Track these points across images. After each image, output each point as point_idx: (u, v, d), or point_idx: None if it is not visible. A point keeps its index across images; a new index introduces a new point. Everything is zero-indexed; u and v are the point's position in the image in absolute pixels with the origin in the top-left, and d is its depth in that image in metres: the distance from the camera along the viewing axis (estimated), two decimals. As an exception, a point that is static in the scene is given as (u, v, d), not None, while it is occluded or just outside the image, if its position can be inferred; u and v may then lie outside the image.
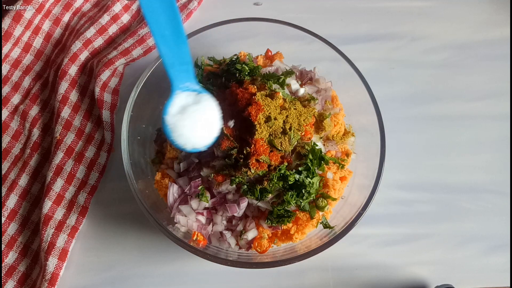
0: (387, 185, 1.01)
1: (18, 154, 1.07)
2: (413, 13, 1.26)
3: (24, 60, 1.15)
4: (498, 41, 1.24)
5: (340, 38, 1.11)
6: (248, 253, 0.90)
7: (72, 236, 0.98)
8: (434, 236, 1.04)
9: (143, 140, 1.01)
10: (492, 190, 1.08)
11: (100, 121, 1.09)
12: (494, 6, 1.28)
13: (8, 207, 1.01)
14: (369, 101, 0.96)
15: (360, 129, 1.03)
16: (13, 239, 0.99)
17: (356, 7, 1.26)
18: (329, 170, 0.90)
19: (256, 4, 1.25)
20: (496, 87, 1.18)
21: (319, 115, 0.94)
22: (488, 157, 1.11)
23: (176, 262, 0.99)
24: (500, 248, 1.03)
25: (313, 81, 1.01)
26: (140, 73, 0.98)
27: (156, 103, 1.05)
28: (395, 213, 1.05)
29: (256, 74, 0.96)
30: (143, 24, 1.16)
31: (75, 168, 1.04)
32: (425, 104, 1.16)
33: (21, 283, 0.96)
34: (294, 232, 0.88)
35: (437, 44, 1.23)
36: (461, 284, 0.99)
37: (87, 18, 1.20)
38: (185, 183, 0.89)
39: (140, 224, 1.01)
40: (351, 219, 0.88)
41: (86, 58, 1.15)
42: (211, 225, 0.89)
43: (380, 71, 1.19)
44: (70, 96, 1.09)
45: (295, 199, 0.83)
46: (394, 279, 1.00)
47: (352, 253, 1.01)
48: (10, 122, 1.09)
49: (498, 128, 1.14)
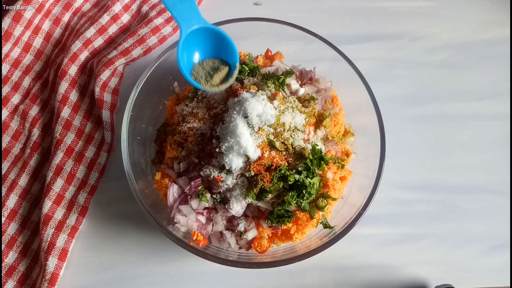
0: (387, 185, 1.01)
1: (18, 154, 1.07)
2: (413, 13, 1.26)
3: (24, 60, 1.15)
4: (498, 41, 1.24)
5: (340, 38, 1.11)
6: (248, 253, 0.90)
7: (72, 236, 0.98)
8: (434, 236, 1.04)
9: (143, 140, 1.01)
10: (492, 190, 1.08)
11: (100, 121, 1.09)
12: (494, 6, 1.28)
13: (8, 207, 1.01)
14: (369, 101, 0.96)
15: (360, 129, 1.03)
16: (13, 239, 0.99)
17: (356, 7, 1.26)
18: (329, 170, 0.90)
19: (256, 4, 1.26)
20: (496, 87, 1.18)
21: (319, 115, 0.95)
22: (488, 157, 1.11)
23: (176, 262, 0.99)
24: (500, 248, 1.03)
25: (313, 81, 1.02)
26: (140, 73, 0.98)
27: (156, 103, 1.05)
28: (395, 213, 1.05)
29: (256, 74, 0.97)
30: (143, 24, 1.16)
31: (75, 168, 1.04)
32: (425, 104, 1.16)
33: (21, 283, 0.96)
34: (294, 232, 0.88)
35: (437, 44, 1.23)
36: (461, 284, 0.99)
37: (87, 18, 1.20)
38: (185, 183, 0.89)
39: (140, 224, 1.01)
40: (351, 219, 0.88)
41: (86, 58, 1.15)
42: (211, 225, 0.89)
43: (380, 71, 1.19)
44: (70, 96, 1.09)
45: (296, 199, 0.83)
46: (394, 279, 1.00)
47: (352, 253, 1.01)
48: (10, 122, 1.09)
49: (498, 128, 1.14)
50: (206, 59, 0.85)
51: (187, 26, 0.80)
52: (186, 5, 0.78)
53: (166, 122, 1.03)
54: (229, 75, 0.83)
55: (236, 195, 0.85)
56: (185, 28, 0.80)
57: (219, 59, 0.85)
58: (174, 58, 1.01)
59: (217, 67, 0.84)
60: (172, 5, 0.77)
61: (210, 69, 0.83)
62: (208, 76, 0.83)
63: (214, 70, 0.83)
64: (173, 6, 0.77)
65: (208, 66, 0.84)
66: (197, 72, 0.83)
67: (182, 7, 0.77)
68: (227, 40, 0.82)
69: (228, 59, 0.85)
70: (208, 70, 0.83)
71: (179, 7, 0.77)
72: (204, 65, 0.84)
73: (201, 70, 0.83)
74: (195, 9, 0.79)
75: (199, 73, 0.83)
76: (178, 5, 0.77)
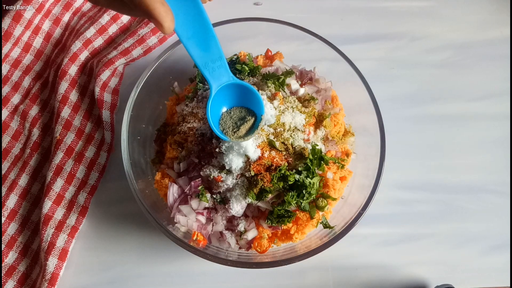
0: (387, 185, 1.01)
1: (18, 154, 1.07)
2: (413, 13, 1.26)
3: (24, 60, 1.15)
4: (498, 41, 1.24)
5: (340, 38, 1.11)
6: (248, 253, 0.90)
7: (72, 236, 0.98)
8: (434, 236, 1.04)
9: (143, 140, 1.01)
10: (492, 190, 1.08)
11: (100, 121, 1.09)
12: (494, 6, 1.28)
13: (8, 207, 1.01)
14: (369, 101, 0.96)
15: (360, 129, 1.03)
16: (13, 239, 0.99)
17: (356, 7, 1.26)
18: (329, 170, 0.90)
19: (256, 4, 1.25)
20: (496, 87, 1.18)
21: (319, 115, 0.95)
22: (488, 157, 1.11)
23: (176, 262, 0.99)
24: (500, 248, 1.03)
25: (313, 81, 1.02)
26: (140, 73, 0.98)
27: (156, 103, 1.05)
28: (395, 213, 1.05)
29: (256, 74, 0.97)
30: (143, 24, 1.16)
31: (75, 168, 1.04)
32: (425, 104, 1.16)
33: (21, 283, 0.96)
34: (294, 232, 0.88)
35: (437, 44, 1.23)
36: (461, 284, 0.99)
37: (87, 18, 1.20)
38: (185, 183, 0.89)
39: (140, 224, 1.01)
40: (351, 219, 0.88)
41: (86, 58, 1.15)
42: (211, 225, 0.89)
43: (380, 71, 1.19)
44: (70, 96, 1.09)
45: (296, 199, 0.83)
46: (394, 279, 1.00)
47: (352, 253, 1.01)
48: (10, 122, 1.09)
49: (498, 128, 1.14)
50: (234, 108, 0.86)
51: (217, 84, 0.81)
52: (217, 64, 0.78)
53: (166, 122, 1.03)
54: (254, 126, 0.85)
55: (236, 195, 0.85)
56: (215, 86, 0.81)
57: (246, 108, 0.86)
58: (174, 58, 1.01)
59: (243, 117, 0.85)
60: (204, 65, 0.77)
61: (237, 119, 0.85)
62: (235, 127, 0.84)
63: (241, 120, 0.85)
64: (205, 66, 0.77)
65: (235, 115, 0.86)
66: (225, 122, 0.85)
67: (214, 66, 0.78)
68: (253, 92, 0.84)
69: (254, 109, 0.86)
70: (236, 120, 0.85)
71: (211, 65, 0.78)
72: (232, 114, 0.86)
73: (228, 120, 0.85)
74: (226, 67, 0.80)
75: (226, 123, 0.85)
76: (210, 63, 0.78)
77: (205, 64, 0.77)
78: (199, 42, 0.74)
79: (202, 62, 0.77)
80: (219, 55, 0.77)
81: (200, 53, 0.76)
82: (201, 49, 0.75)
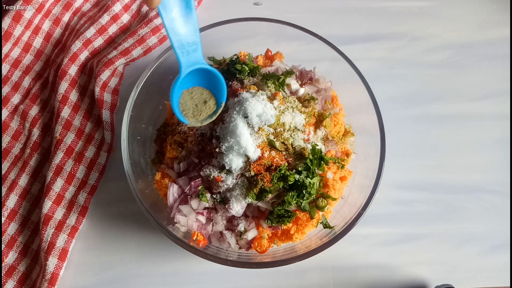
0: (387, 185, 1.01)
1: (18, 154, 1.07)
2: (413, 13, 1.26)
3: (24, 60, 1.15)
4: (498, 41, 1.24)
5: (340, 38, 1.11)
6: (248, 253, 0.90)
7: (72, 236, 0.98)
8: (434, 236, 1.04)
9: (143, 140, 1.01)
10: (492, 190, 1.08)
11: (100, 121, 1.09)
12: (494, 6, 1.28)
13: (8, 207, 1.01)
14: (369, 101, 0.96)
15: (360, 129, 1.03)
16: (13, 239, 0.99)
17: (356, 7, 1.26)
18: (329, 170, 0.90)
19: (256, 4, 1.25)
20: (496, 87, 1.18)
21: (319, 115, 0.95)
22: (488, 157, 1.11)
23: (176, 262, 0.99)
24: (500, 248, 1.03)
25: (313, 81, 1.02)
26: (140, 73, 0.98)
27: (156, 103, 1.05)
28: (395, 213, 1.05)
29: (256, 74, 0.97)
30: (143, 24, 1.16)
31: (75, 168, 1.04)
32: (425, 104, 1.16)
33: (21, 283, 0.96)
34: (294, 232, 0.88)
35: (437, 44, 1.23)
36: (461, 284, 0.99)
37: (87, 18, 1.20)
38: (185, 183, 0.89)
39: (140, 224, 1.01)
40: (351, 219, 0.88)
41: (86, 58, 1.15)
42: (211, 225, 0.89)
43: (380, 71, 1.19)
44: (70, 96, 1.09)
45: (296, 199, 0.83)
46: (394, 279, 1.00)
47: (352, 253, 1.01)
48: (10, 122, 1.09)
49: (498, 128, 1.14)
50: (196, 87, 0.85)
51: (188, 66, 0.80)
52: (193, 47, 0.78)
53: (166, 122, 1.03)
54: (214, 112, 0.84)
55: (236, 195, 0.85)
56: (185, 68, 0.80)
57: (208, 90, 0.85)
58: (174, 58, 1.00)
59: (204, 100, 0.84)
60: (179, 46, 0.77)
61: (198, 101, 0.84)
62: (195, 109, 0.83)
63: (202, 103, 0.84)
64: (180, 47, 0.77)
65: (196, 96, 0.84)
66: (186, 101, 0.83)
67: (189, 49, 0.78)
68: (219, 79, 0.83)
69: (216, 95, 0.85)
70: (196, 102, 0.84)
71: (186, 48, 0.78)
72: (193, 95, 0.84)
73: (189, 100, 0.83)
74: (200, 52, 0.80)
75: (187, 104, 0.83)
76: (185, 46, 0.77)
77: (181, 45, 0.77)
78: (180, 22, 0.75)
79: (178, 42, 0.76)
80: (196, 38, 0.78)
81: (178, 33, 0.76)
82: (180, 29, 0.75)
